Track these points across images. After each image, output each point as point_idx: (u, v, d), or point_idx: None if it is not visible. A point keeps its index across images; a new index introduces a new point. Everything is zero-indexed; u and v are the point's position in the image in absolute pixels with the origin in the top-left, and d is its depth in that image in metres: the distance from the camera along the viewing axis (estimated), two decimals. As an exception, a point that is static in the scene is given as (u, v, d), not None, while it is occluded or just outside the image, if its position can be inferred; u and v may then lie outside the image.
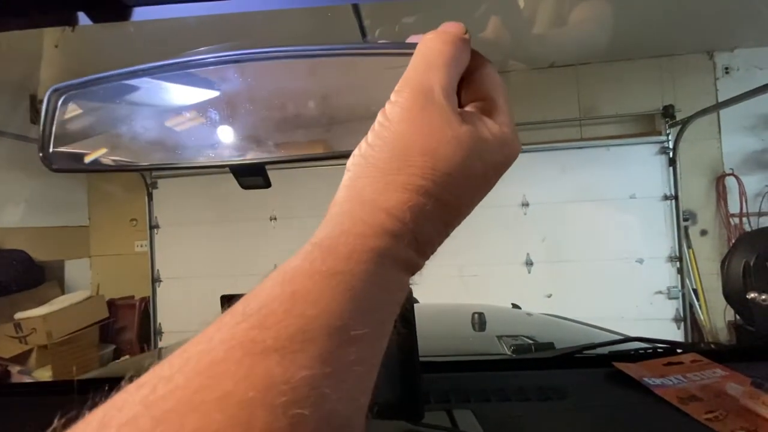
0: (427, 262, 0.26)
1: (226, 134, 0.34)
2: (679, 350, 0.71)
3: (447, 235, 0.26)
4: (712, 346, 1.23)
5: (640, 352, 0.71)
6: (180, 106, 0.35)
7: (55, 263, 3.72)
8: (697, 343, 3.20)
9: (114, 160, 0.36)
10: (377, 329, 0.21)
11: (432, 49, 0.27)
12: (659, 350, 0.71)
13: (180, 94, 0.35)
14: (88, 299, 3.56)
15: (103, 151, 0.36)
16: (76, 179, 3.89)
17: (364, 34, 2.22)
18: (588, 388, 0.59)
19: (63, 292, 3.66)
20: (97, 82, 0.36)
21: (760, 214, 3.46)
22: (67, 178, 3.76)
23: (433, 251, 0.26)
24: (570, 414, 0.52)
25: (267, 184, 0.35)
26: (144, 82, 0.35)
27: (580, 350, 0.73)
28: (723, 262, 0.86)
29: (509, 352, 0.88)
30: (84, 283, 3.95)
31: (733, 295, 0.84)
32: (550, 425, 0.51)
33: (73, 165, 0.37)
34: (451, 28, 0.28)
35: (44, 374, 3.10)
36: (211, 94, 0.34)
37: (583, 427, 0.50)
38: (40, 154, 0.36)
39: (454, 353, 0.90)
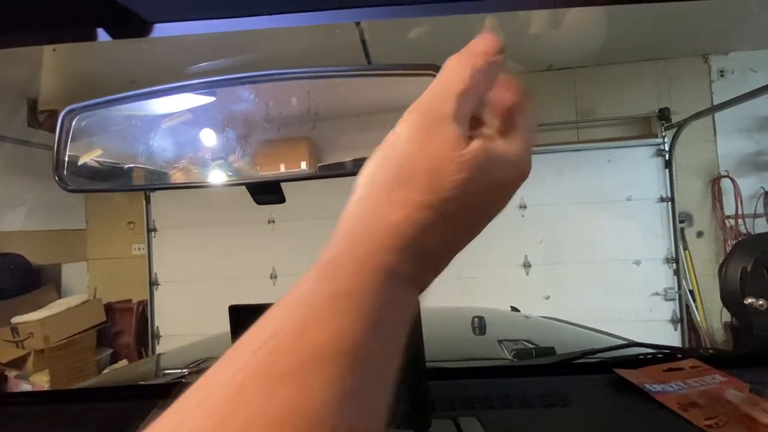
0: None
1: (240, 153, 0.35)
2: (678, 356, 0.72)
3: (454, 252, 0.26)
4: (711, 351, 1.24)
5: (640, 357, 0.72)
6: (195, 127, 0.36)
7: (52, 267, 3.70)
8: (696, 349, 3.22)
9: (129, 181, 0.36)
10: (389, 346, 0.22)
11: (454, 73, 0.27)
12: (659, 356, 0.72)
13: (194, 114, 0.36)
14: (85, 303, 3.54)
15: (119, 171, 0.37)
16: (73, 182, 3.87)
17: (365, 46, 2.23)
18: (590, 395, 0.60)
19: (60, 296, 3.64)
20: (111, 103, 0.37)
21: (755, 216, 3.49)
22: (64, 181, 3.74)
23: (440, 268, 0.26)
24: (573, 421, 0.53)
25: (281, 201, 0.36)
26: (158, 103, 0.36)
27: (581, 356, 0.74)
28: (720, 268, 0.87)
29: (510, 357, 0.89)
30: (81, 286, 3.93)
31: (730, 301, 0.85)
32: (554, 433, 0.52)
33: (89, 185, 0.37)
34: (480, 47, 0.28)
35: (41, 379, 3.09)
36: (226, 114, 0.35)
37: (587, 435, 0.51)
38: (56, 177, 0.37)
39: (455, 358, 0.91)
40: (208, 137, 0.36)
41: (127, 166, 0.37)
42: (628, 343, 0.80)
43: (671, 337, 3.37)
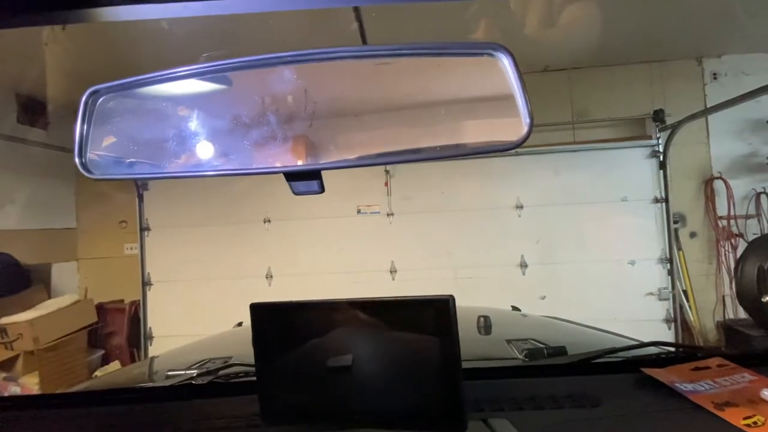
0: (421, 264, 0.23)
1: (280, 139, 0.32)
2: (699, 354, 0.71)
3: None
4: (734, 350, 1.24)
5: (662, 356, 0.71)
6: (229, 111, 0.33)
7: (41, 266, 3.62)
8: (717, 347, 3.25)
9: (158, 168, 0.34)
10: None
11: None
12: (681, 354, 0.71)
13: (230, 97, 0.33)
14: (75, 303, 3.48)
15: (147, 157, 0.34)
16: (62, 179, 3.79)
17: (363, 36, 2.21)
18: (620, 395, 0.58)
19: (50, 296, 3.56)
20: (138, 84, 0.34)
21: (747, 217, 3.54)
22: (54, 178, 3.68)
23: None
24: (607, 422, 0.52)
25: (321, 190, 0.34)
26: (190, 84, 0.34)
27: (603, 354, 0.72)
28: (736, 267, 0.86)
29: (521, 357, 0.87)
30: (72, 286, 3.86)
31: (746, 299, 0.85)
32: (591, 434, 0.50)
33: (113, 172, 0.35)
34: None
35: (31, 380, 3.02)
36: (264, 97, 0.33)
37: (625, 436, 0.50)
38: (79, 160, 0.34)
39: (465, 358, 0.89)
40: (243, 122, 0.34)
41: (156, 151, 0.35)
42: (649, 342, 0.79)
43: (665, 336, 3.40)
